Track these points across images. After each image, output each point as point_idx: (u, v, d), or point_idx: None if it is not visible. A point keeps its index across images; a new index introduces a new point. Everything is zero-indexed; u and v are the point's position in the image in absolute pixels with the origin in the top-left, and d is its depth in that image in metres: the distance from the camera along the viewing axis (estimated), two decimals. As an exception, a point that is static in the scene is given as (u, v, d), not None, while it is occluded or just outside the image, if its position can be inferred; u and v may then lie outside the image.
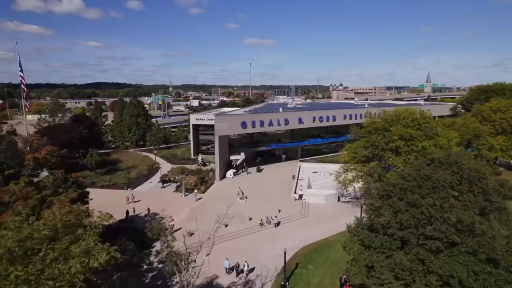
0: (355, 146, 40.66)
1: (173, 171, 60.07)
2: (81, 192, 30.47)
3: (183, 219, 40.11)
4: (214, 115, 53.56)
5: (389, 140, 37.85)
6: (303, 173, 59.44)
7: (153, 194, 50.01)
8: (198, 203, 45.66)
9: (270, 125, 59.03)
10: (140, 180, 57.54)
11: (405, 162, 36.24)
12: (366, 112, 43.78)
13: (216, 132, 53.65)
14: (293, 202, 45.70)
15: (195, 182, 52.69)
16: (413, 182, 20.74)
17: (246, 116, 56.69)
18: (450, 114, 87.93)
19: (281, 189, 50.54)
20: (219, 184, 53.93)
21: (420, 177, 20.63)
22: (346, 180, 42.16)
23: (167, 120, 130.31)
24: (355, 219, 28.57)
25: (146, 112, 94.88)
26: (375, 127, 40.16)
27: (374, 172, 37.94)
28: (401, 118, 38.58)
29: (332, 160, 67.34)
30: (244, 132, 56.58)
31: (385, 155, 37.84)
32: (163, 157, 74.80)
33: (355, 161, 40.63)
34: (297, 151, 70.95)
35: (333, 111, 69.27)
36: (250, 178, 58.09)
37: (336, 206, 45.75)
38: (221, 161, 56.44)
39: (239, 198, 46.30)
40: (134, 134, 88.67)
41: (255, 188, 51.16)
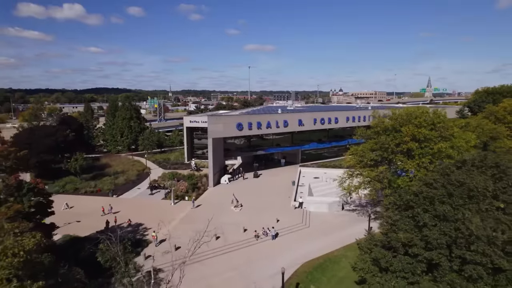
0: (361, 148, 36.61)
1: (164, 177, 55.94)
2: (40, 202, 26.05)
3: (170, 230, 35.89)
4: (207, 116, 49.64)
5: (400, 142, 33.84)
6: (303, 179, 55.32)
7: (140, 202, 45.84)
8: (187, 212, 41.43)
9: (268, 127, 55.06)
10: (128, 186, 53.40)
11: (419, 166, 32.20)
12: (374, 111, 39.69)
13: (209, 134, 49.63)
14: (292, 211, 41.53)
15: (186, 188, 48.54)
16: (442, 189, 16.69)
17: (242, 117, 52.73)
18: (457, 117, 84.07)
19: (279, 196, 46.40)
20: (213, 191, 49.77)
21: (450, 183, 16.57)
22: (351, 186, 38.09)
23: (163, 124, 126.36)
24: (366, 232, 24.43)
25: (139, 114, 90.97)
26: (383, 128, 36.21)
27: (383, 178, 33.84)
28: (413, 117, 34.63)
29: (334, 165, 63.36)
30: (240, 134, 52.61)
31: (395, 158, 33.77)
32: (155, 161, 70.78)
33: (361, 165, 36.59)
34: (297, 155, 66.95)
35: (335, 113, 65.35)
36: (247, 184, 53.95)
37: (340, 215, 41.58)
38: (215, 166, 52.36)
39: (233, 206, 42.14)
40: (126, 137, 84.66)
41: (252, 195, 47.02)
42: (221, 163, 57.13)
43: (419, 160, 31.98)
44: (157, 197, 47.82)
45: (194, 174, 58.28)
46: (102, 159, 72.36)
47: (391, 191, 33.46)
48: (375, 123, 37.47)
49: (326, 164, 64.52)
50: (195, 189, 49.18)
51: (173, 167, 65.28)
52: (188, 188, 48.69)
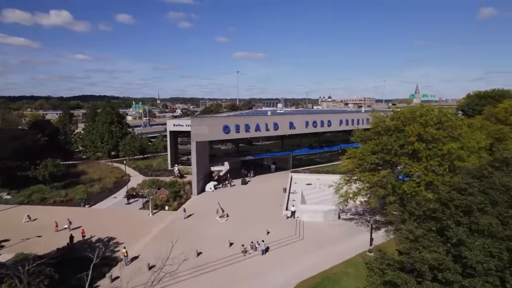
0: (360, 151, 32.94)
1: (144, 185, 51.27)
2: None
3: (146, 245, 31.38)
4: (191, 118, 45.44)
5: (405, 143, 30.29)
6: (295, 186, 51.42)
7: (114, 212, 41.09)
8: (167, 223, 36.88)
9: (257, 130, 51.12)
10: (103, 195, 48.51)
11: (427, 170, 28.61)
12: (373, 111, 36.19)
13: (193, 137, 45.39)
14: (284, 221, 37.44)
15: (167, 197, 44.00)
16: (480, 196, 12.88)
17: (229, 119, 48.71)
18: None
19: (270, 205, 42.30)
20: (196, 200, 45.31)
21: (491, 187, 12.79)
22: (349, 193, 34.35)
23: (148, 129, 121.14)
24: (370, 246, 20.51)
25: (121, 119, 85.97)
26: (385, 128, 32.67)
27: (387, 183, 30.13)
28: (418, 116, 31.22)
29: (327, 171, 59.77)
30: (226, 138, 48.52)
31: (400, 161, 30.13)
32: (136, 168, 65.90)
33: (360, 169, 32.87)
34: (287, 161, 63.09)
35: (327, 115, 61.93)
36: (234, 191, 49.69)
37: (336, 225, 37.69)
38: (200, 172, 48.02)
39: (219, 216, 37.82)
40: (106, 143, 79.50)
41: (239, 204, 42.80)
42: (206, 169, 52.79)
43: (427, 163, 28.42)
44: (134, 207, 43.12)
45: (177, 181, 53.74)
46: (79, 166, 67.07)
47: (395, 198, 29.79)
48: (375, 123, 33.95)
49: (319, 169, 60.84)
50: (176, 197, 44.66)
51: (155, 174, 60.57)
52: (169, 197, 44.16)
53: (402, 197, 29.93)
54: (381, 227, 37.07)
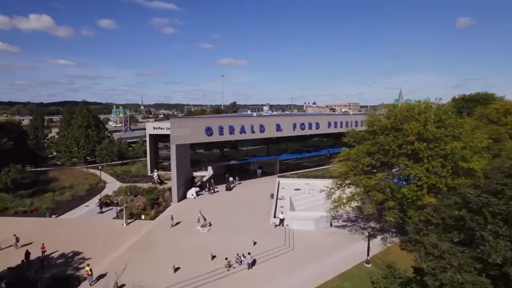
0: (355, 152, 30.22)
1: (120, 192, 47.28)
2: None
3: (116, 260, 27.61)
4: (170, 119, 41.96)
5: (403, 142, 27.76)
6: (283, 191, 48.42)
7: (84, 223, 37.01)
8: (142, 235, 33.16)
9: (242, 132, 48.02)
10: (74, 203, 44.26)
11: (428, 172, 26.09)
12: (367, 109, 33.64)
13: (172, 140, 41.88)
14: (272, 230, 34.30)
15: (144, 205, 40.20)
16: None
17: (212, 120, 45.47)
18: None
19: (256, 212, 39.12)
20: (176, 207, 41.64)
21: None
22: (342, 198, 31.52)
23: (128, 134, 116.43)
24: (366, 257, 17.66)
25: (98, 122, 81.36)
26: (381, 126, 30.12)
27: (385, 187, 27.45)
28: (416, 113, 28.82)
29: (316, 175, 57.15)
30: (209, 140, 45.16)
31: (399, 162, 27.52)
32: (113, 174, 61.66)
33: (355, 172, 30.11)
34: (274, 165, 60.16)
35: (316, 117, 59.51)
36: (218, 198, 46.28)
37: (329, 233, 34.80)
38: (180, 177, 44.45)
39: (200, 226, 34.34)
40: (82, 148, 74.78)
41: (223, 212, 39.46)
42: (187, 175, 49.22)
43: (428, 164, 25.89)
44: (108, 216, 39.14)
45: (156, 187, 49.97)
46: (50, 172, 62.27)
47: (394, 203, 27.11)
48: (370, 121, 31.37)
49: (307, 174, 58.15)
50: (154, 205, 40.89)
51: (132, 180, 56.56)
52: (146, 205, 40.36)
53: (402, 202, 27.31)
54: (377, 235, 34.43)
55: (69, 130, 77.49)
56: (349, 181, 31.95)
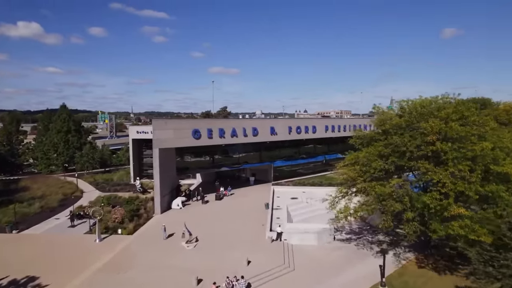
0: (364, 155, 26.11)
1: (97, 202, 42.30)
2: None
3: (79, 286, 22.77)
4: (153, 119, 37.46)
5: (421, 143, 23.82)
6: (278, 200, 44.11)
7: (50, 239, 31.92)
8: (117, 253, 28.32)
9: (234, 135, 43.74)
10: (43, 215, 39.07)
11: (454, 177, 22.09)
12: (375, 106, 29.75)
13: (154, 143, 37.33)
14: (269, 245, 29.84)
15: (122, 217, 35.34)
16: None
17: (200, 122, 41.11)
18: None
19: (250, 225, 34.66)
20: (159, 219, 36.85)
21: None
22: (348, 209, 27.28)
23: (114, 140, 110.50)
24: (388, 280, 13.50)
25: (80, 127, 76.09)
26: (394, 125, 26.17)
27: (403, 195, 23.32)
28: (435, 110, 25.00)
29: (313, 183, 53.03)
30: (197, 144, 40.69)
31: (419, 166, 23.48)
32: (93, 182, 56.51)
33: (365, 178, 25.97)
34: (268, 172, 55.93)
35: (312, 121, 55.76)
36: (207, 208, 41.66)
37: (333, 248, 30.46)
38: (164, 186, 39.77)
39: (185, 241, 29.65)
40: (61, 155, 69.37)
41: (212, 224, 34.89)
42: (173, 183, 44.50)
43: (454, 168, 21.89)
44: (79, 231, 34.13)
45: (138, 197, 45.16)
46: (22, 181, 56.75)
47: (413, 214, 22.97)
48: (381, 120, 27.39)
49: (304, 181, 53.99)
50: (134, 217, 36.05)
51: (113, 189, 51.56)
52: (124, 217, 35.49)
53: (423, 213, 23.21)
54: (388, 250, 30.20)
55: (47, 135, 72.15)
56: (356, 188, 27.78)
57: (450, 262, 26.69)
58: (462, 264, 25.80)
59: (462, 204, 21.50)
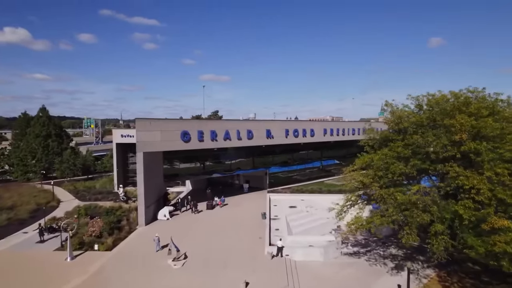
0: (380, 157, 22.57)
1: (73, 213, 37.83)
2: None
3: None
4: (136, 119, 33.45)
5: (448, 142, 20.43)
6: (276, 209, 40.37)
7: (12, 257, 27.38)
8: (93, 273, 24.05)
9: (227, 138, 39.96)
10: (10, 229, 34.32)
11: (491, 182, 18.67)
12: (386, 102, 26.29)
13: (138, 146, 33.29)
14: (268, 262, 25.94)
15: (101, 230, 31.01)
16: None
17: (190, 123, 37.20)
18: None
19: (246, 238, 30.73)
20: (143, 232, 32.63)
21: None
22: (360, 220, 23.66)
23: (100, 146, 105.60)
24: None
25: (61, 132, 71.15)
26: (414, 122, 22.77)
27: (430, 204, 19.77)
28: (462, 104, 21.71)
29: (312, 190, 49.42)
30: (186, 147, 36.74)
31: (447, 169, 20.03)
32: (73, 191, 51.82)
33: (381, 184, 22.42)
34: (263, 179, 52.25)
35: (311, 123, 52.34)
36: (197, 219, 37.58)
37: (341, 264, 26.73)
38: (150, 194, 35.66)
39: (172, 259, 25.54)
40: (40, 161, 64.42)
41: (204, 238, 30.85)
42: (160, 191, 40.34)
43: (491, 171, 18.49)
44: (49, 247, 29.63)
45: (121, 206, 40.86)
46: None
47: (443, 227, 19.41)
48: (399, 116, 23.94)
49: (302, 188, 50.35)
50: (114, 230, 31.74)
51: (94, 197, 47.03)
52: (103, 229, 31.16)
53: (453, 225, 19.70)
54: (403, 265, 26.68)
55: (24, 140, 67.12)
56: (372, 196, 24.21)
57: (477, 280, 23.30)
58: (492, 283, 22.42)
59: (502, 214, 18.06)
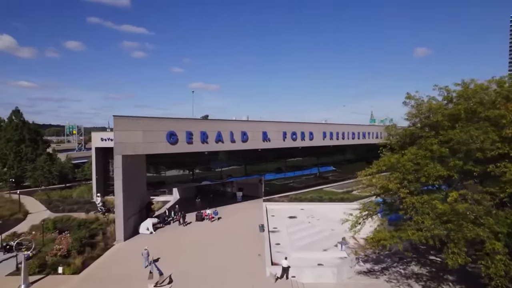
0: (409, 158, 18.44)
1: (40, 226, 32.58)
2: None
3: None
4: (114, 117, 28.68)
5: (497, 139, 16.52)
6: (274, 220, 35.97)
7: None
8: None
9: (219, 140, 35.59)
10: (-38, 247, 28.97)
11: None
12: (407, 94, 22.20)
13: (117, 148, 28.58)
14: (272, 286, 21.39)
15: (68, 247, 25.96)
16: None
17: (177, 123, 32.62)
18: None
19: (243, 256, 26.11)
20: (120, 250, 27.66)
21: None
22: (384, 235, 19.41)
23: (82, 153, 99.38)
24: None
25: (37, 136, 65.47)
26: (450, 114, 18.81)
27: (483, 215, 15.68)
28: (506, 89, 17.92)
29: (311, 198, 45.17)
30: (173, 150, 32.16)
31: (503, 170, 16.04)
32: (45, 201, 46.46)
33: (412, 190, 18.25)
34: (258, 187, 47.84)
35: (310, 126, 48.20)
36: (185, 233, 32.76)
37: (357, 286, 22.38)
38: (130, 204, 30.84)
39: (153, 285, 20.73)
40: (11, 168, 58.71)
41: (192, 256, 26.09)
42: (142, 200, 35.44)
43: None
44: (3, 271, 24.40)
45: (97, 218, 35.82)
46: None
47: (501, 245, 15.26)
48: (428, 108, 19.93)
49: (300, 197, 46.00)
50: (85, 248, 26.66)
51: (69, 208, 41.78)
52: (72, 247, 26.09)
53: (510, 242, 15.62)
54: (430, 286, 22.55)
55: (-5, 145, 61.31)
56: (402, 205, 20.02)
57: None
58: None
59: None
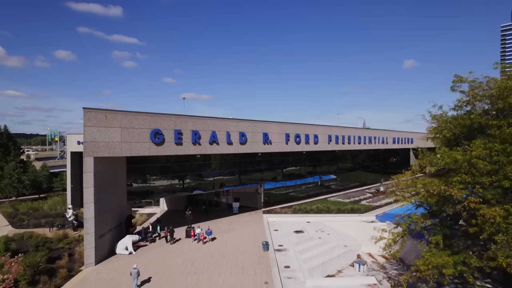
0: (477, 154, 13.30)
1: (-7, 246, 26.35)
2: None
3: None
4: (83, 109, 23.02)
5: None
6: (278, 236, 30.44)
7: None
8: None
9: (213, 141, 30.18)
10: None
11: None
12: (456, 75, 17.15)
13: (87, 149, 22.90)
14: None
15: (16, 276, 19.94)
16: None
17: (163, 119, 27.03)
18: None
19: (245, 283, 20.42)
20: (89, 277, 21.64)
21: None
22: (445, 259, 14.14)
23: (64, 161, 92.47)
24: None
25: (8, 142, 58.92)
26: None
27: None
28: None
29: (318, 209, 39.77)
30: (158, 152, 26.61)
31: None
32: (9, 214, 40.07)
33: (489, 197, 13.06)
34: (256, 197, 42.35)
35: (314, 128, 43.05)
36: (173, 253, 26.88)
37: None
38: (105, 218, 24.98)
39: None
40: (-23, 177, 51.98)
41: (181, 284, 20.31)
42: (121, 213, 29.42)
43: None
44: None
45: (66, 236, 29.75)
46: None
47: None
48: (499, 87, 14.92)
49: (305, 208, 40.46)
50: (41, 276, 20.66)
51: (35, 223, 35.57)
52: (22, 277, 20.05)
53: None
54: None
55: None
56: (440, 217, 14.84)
57: None
58: None
59: None
